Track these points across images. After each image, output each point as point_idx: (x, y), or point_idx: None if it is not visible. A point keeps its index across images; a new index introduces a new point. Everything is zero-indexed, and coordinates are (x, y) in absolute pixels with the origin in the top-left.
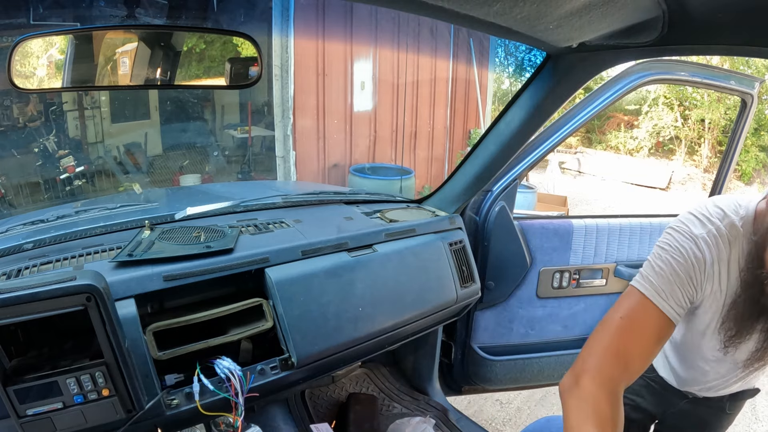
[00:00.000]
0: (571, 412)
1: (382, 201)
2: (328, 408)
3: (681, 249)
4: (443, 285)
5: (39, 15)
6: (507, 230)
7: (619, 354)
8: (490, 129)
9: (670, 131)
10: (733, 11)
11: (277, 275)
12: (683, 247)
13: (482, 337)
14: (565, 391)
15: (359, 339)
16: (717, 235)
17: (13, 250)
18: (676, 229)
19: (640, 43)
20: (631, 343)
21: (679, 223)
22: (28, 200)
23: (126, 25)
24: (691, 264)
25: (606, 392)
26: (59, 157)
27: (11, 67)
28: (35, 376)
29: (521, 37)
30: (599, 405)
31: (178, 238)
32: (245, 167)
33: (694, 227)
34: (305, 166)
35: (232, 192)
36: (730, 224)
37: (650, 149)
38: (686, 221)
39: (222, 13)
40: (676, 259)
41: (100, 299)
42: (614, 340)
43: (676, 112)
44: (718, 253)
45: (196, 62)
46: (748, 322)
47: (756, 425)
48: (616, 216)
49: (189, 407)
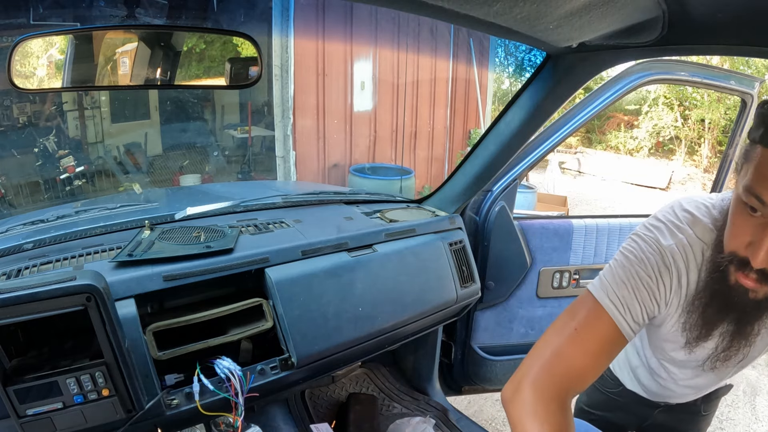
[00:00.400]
0: (516, 424)
1: (382, 201)
2: (328, 408)
3: (647, 261)
4: (443, 285)
5: (39, 15)
6: (507, 230)
7: (565, 363)
8: (490, 129)
9: (670, 131)
10: (733, 11)
11: (277, 275)
12: (649, 260)
13: (482, 337)
14: (507, 400)
15: (359, 339)
16: (688, 245)
17: (13, 250)
18: (642, 237)
19: (640, 43)
20: (579, 353)
21: (646, 230)
22: (28, 200)
23: (126, 25)
24: (655, 279)
25: (551, 400)
26: (59, 157)
27: (11, 67)
28: (35, 376)
29: (521, 37)
30: (546, 413)
31: (178, 238)
32: (245, 167)
33: (662, 237)
34: (305, 166)
35: (232, 192)
36: (703, 229)
37: (650, 149)
38: (653, 228)
39: (222, 13)
40: (639, 273)
41: (100, 299)
42: (561, 347)
43: (676, 112)
44: (687, 265)
45: (196, 62)
46: (712, 318)
47: (756, 425)
48: (616, 216)
49: (189, 407)
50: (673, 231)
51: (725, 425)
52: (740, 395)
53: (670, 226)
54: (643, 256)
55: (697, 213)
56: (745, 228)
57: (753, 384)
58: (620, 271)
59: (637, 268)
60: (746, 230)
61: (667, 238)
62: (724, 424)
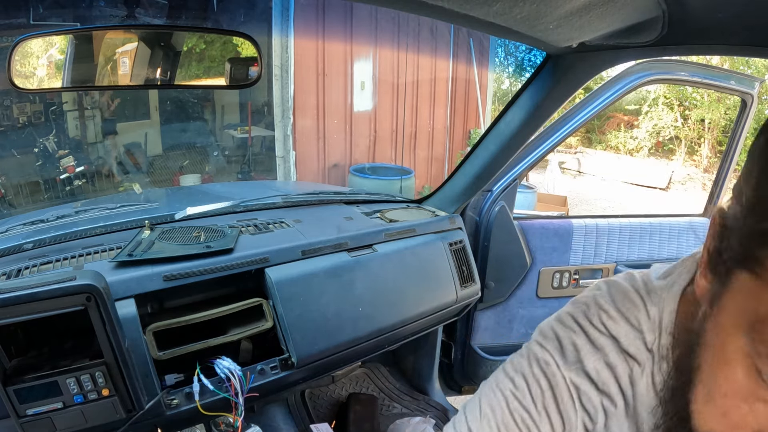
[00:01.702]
0: None
1: (382, 201)
2: (328, 408)
3: (529, 390)
4: (443, 285)
5: (39, 15)
6: (507, 230)
7: None
8: (490, 129)
9: (670, 131)
10: (732, 11)
11: (277, 275)
12: (534, 390)
13: (482, 337)
14: None
15: (359, 339)
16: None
17: (13, 250)
18: (529, 355)
19: (640, 43)
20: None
21: (536, 346)
22: (28, 200)
23: (126, 25)
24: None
25: None
26: (59, 157)
27: (11, 67)
28: (35, 376)
29: (521, 37)
30: None
31: (178, 238)
32: (245, 167)
33: (560, 358)
34: (305, 166)
35: (232, 192)
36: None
37: (650, 149)
38: (545, 342)
39: (222, 13)
40: (513, 408)
41: (100, 299)
42: None
43: (676, 112)
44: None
45: (196, 62)
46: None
47: None
48: (616, 216)
49: (189, 407)
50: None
51: None
52: None
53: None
54: (525, 382)
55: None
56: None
57: None
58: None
59: (513, 400)
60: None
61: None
62: None
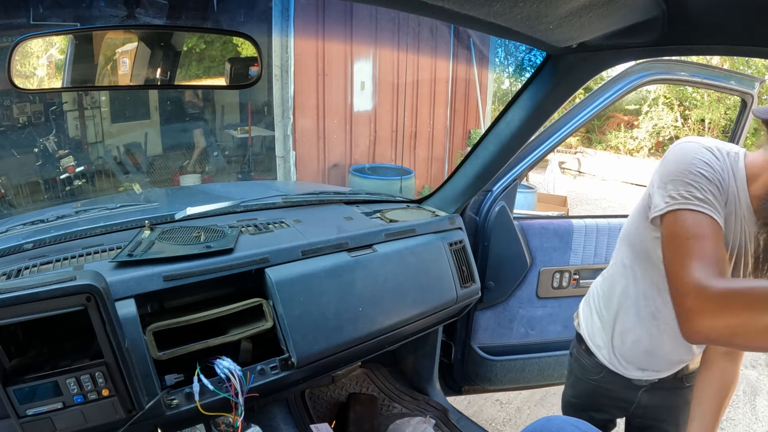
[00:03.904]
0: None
1: (382, 201)
2: (328, 408)
3: (702, 159)
4: (443, 285)
5: (39, 15)
6: (507, 230)
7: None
8: (490, 129)
9: (670, 131)
10: (732, 11)
11: (277, 275)
12: (704, 158)
13: (482, 337)
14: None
15: (359, 339)
16: (725, 153)
17: (13, 250)
18: (686, 145)
19: (640, 43)
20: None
21: (684, 142)
22: (28, 200)
23: (126, 25)
24: (718, 172)
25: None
26: (59, 157)
27: (11, 67)
28: (35, 376)
29: (521, 37)
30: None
31: (178, 238)
32: (245, 167)
33: (703, 141)
34: (305, 166)
35: (232, 192)
36: (728, 152)
37: (650, 149)
38: (688, 140)
39: (222, 13)
40: (702, 170)
41: (100, 299)
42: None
43: (676, 112)
44: (730, 170)
45: (196, 62)
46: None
47: (756, 425)
48: (616, 216)
49: (189, 407)
50: (708, 144)
51: (725, 425)
52: (740, 395)
53: (701, 141)
54: (696, 156)
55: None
56: None
57: (753, 384)
58: (688, 178)
59: (700, 167)
60: None
61: (706, 143)
62: (724, 424)
